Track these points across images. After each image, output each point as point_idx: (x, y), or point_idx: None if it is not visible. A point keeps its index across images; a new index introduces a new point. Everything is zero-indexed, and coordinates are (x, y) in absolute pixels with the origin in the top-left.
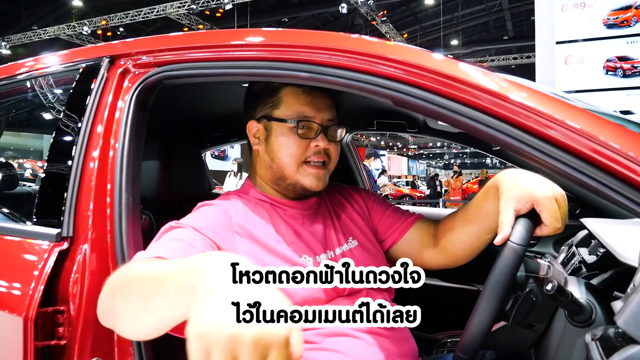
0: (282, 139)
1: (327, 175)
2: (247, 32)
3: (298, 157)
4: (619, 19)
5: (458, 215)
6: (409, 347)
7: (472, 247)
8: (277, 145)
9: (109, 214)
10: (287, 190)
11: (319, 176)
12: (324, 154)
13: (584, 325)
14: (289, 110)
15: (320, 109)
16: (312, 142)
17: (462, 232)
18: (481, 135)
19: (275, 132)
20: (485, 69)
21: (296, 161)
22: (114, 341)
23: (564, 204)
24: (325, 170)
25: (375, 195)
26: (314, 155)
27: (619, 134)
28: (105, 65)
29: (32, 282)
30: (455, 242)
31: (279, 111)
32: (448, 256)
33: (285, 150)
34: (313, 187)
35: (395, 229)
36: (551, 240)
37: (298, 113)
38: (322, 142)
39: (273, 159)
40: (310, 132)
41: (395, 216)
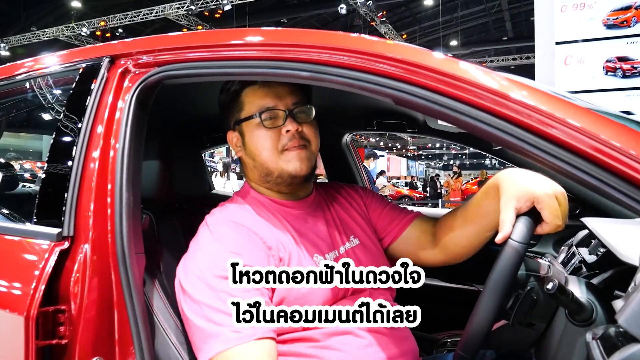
0: (254, 136)
1: (311, 156)
2: (247, 31)
3: (274, 147)
4: (618, 19)
5: (458, 214)
6: (410, 346)
7: (471, 245)
8: (252, 144)
9: (109, 214)
10: (278, 185)
11: (300, 158)
12: (299, 138)
13: (584, 325)
14: (251, 107)
15: (281, 96)
16: (282, 129)
17: (461, 230)
18: (482, 134)
19: (247, 132)
20: (485, 68)
21: (274, 152)
22: (115, 340)
23: (565, 202)
24: (307, 152)
25: (372, 192)
26: (289, 142)
27: (620, 133)
28: (105, 65)
29: (33, 282)
30: (455, 240)
31: (244, 112)
32: (447, 254)
33: (260, 145)
34: (298, 171)
35: (394, 227)
36: (551, 240)
37: (259, 107)
38: (291, 125)
39: (254, 158)
40: (277, 120)
41: (394, 214)
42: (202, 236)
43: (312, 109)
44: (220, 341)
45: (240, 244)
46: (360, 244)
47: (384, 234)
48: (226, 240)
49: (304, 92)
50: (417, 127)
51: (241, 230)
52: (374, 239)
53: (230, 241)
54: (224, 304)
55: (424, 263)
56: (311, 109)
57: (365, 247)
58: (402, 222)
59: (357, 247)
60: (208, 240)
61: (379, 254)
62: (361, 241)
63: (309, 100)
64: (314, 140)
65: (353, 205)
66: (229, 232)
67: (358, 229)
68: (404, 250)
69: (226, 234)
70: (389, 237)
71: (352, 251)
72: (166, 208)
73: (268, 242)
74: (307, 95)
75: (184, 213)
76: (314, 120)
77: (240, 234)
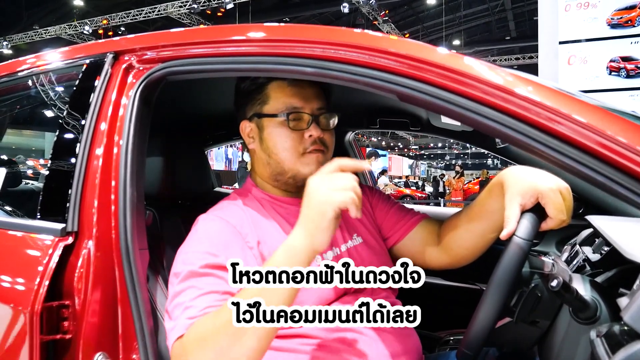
0: (275, 134)
1: (326, 162)
2: (250, 27)
3: (294, 149)
4: (622, 18)
5: (462, 215)
6: (413, 344)
7: (476, 246)
8: (271, 141)
9: (113, 210)
10: (287, 184)
11: (318, 162)
12: (319, 143)
13: (588, 323)
14: (277, 104)
15: (308, 99)
16: (305, 132)
17: (466, 230)
18: (487, 130)
19: (267, 128)
20: (489, 64)
21: (293, 153)
22: (119, 335)
23: (569, 197)
24: (324, 157)
25: (379, 192)
26: (311, 146)
27: (626, 128)
28: (109, 61)
29: (37, 277)
30: (459, 241)
31: (267, 107)
32: (452, 256)
33: (281, 145)
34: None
35: (400, 228)
36: (554, 239)
37: (287, 105)
38: (315, 131)
39: (270, 155)
40: (302, 122)
41: (400, 214)
42: (190, 234)
43: (335, 117)
44: (174, 331)
45: (218, 243)
46: (364, 243)
47: (389, 234)
48: (205, 239)
49: (327, 98)
50: (420, 125)
51: (224, 227)
52: (378, 238)
53: (209, 239)
54: (185, 296)
55: (429, 265)
56: (334, 117)
57: (369, 245)
58: (408, 224)
59: (359, 245)
60: (190, 239)
61: (382, 253)
62: (364, 240)
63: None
64: (331, 147)
65: None
66: (210, 230)
67: (362, 227)
68: (409, 252)
69: (207, 232)
70: (393, 237)
71: (354, 249)
72: (169, 205)
73: (252, 242)
74: (328, 101)
75: (187, 210)
76: (333, 129)
77: (221, 232)
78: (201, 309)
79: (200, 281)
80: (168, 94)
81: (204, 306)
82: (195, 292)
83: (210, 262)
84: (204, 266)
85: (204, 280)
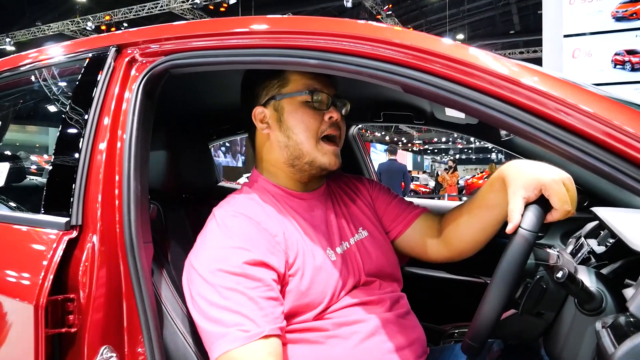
0: (297, 114)
1: (339, 152)
2: (253, 19)
3: (315, 131)
4: (628, 11)
5: (463, 208)
6: (417, 336)
7: (476, 240)
8: (292, 121)
9: (117, 204)
10: (301, 171)
11: (336, 153)
12: (336, 127)
13: (593, 314)
14: (297, 85)
15: (326, 84)
16: (325, 114)
17: (466, 224)
18: (492, 121)
19: (287, 109)
20: (495, 54)
21: (314, 136)
22: (124, 329)
23: (572, 187)
24: (338, 148)
25: (379, 185)
26: (329, 128)
27: (633, 118)
28: (112, 54)
29: (42, 270)
30: (460, 235)
31: (287, 88)
32: (452, 249)
33: (302, 125)
34: (330, 166)
35: (401, 221)
36: (558, 232)
37: (308, 86)
38: (335, 113)
39: (290, 137)
40: (323, 103)
41: (401, 207)
42: (210, 230)
43: (348, 106)
44: (226, 341)
45: (248, 238)
46: (369, 236)
47: (389, 228)
48: (234, 235)
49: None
50: (425, 119)
51: (249, 223)
52: (381, 230)
53: (237, 235)
54: (231, 302)
55: (429, 258)
56: (347, 105)
57: (374, 238)
58: (408, 217)
59: (365, 239)
60: (215, 235)
61: (387, 245)
62: (370, 233)
63: None
64: (344, 135)
65: (360, 196)
66: (237, 226)
67: (366, 221)
68: (409, 245)
69: (234, 228)
70: (394, 231)
71: (361, 243)
72: (173, 198)
73: (276, 235)
74: None
75: (191, 204)
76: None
77: (248, 228)
78: (257, 317)
79: (242, 284)
80: (171, 88)
81: (258, 315)
82: (241, 298)
83: (246, 258)
84: (241, 265)
85: (247, 283)
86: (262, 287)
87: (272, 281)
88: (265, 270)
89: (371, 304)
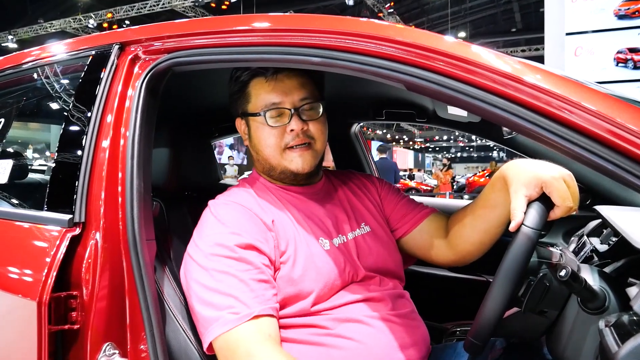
0: (258, 132)
1: (314, 155)
2: (256, 17)
3: (277, 145)
4: (630, 9)
5: (467, 210)
6: (421, 335)
7: (481, 241)
8: (256, 138)
9: (120, 201)
10: (281, 179)
11: (303, 157)
12: (303, 136)
13: (596, 313)
14: (257, 101)
15: (288, 92)
16: (286, 127)
17: (470, 226)
18: (495, 119)
19: (252, 126)
20: (497, 52)
21: (277, 149)
22: (126, 326)
23: (573, 184)
24: (311, 150)
25: (388, 184)
26: (293, 140)
27: (636, 116)
28: (115, 52)
29: (45, 267)
30: (464, 236)
31: (250, 105)
32: (456, 251)
33: (264, 142)
34: (300, 170)
35: (408, 220)
36: (561, 231)
37: (265, 102)
38: (295, 125)
39: (258, 153)
40: (282, 117)
41: (409, 207)
42: (204, 220)
43: (320, 106)
44: (219, 325)
45: (239, 224)
46: (371, 232)
47: (396, 226)
48: (226, 221)
49: (315, 86)
50: (427, 117)
51: (241, 210)
52: (386, 229)
53: (229, 221)
54: (223, 284)
55: (435, 260)
56: (319, 106)
57: (376, 235)
58: (416, 217)
59: (367, 234)
60: (209, 223)
61: (390, 242)
62: (372, 229)
63: (319, 95)
64: (320, 137)
65: (366, 193)
66: (228, 213)
67: (370, 217)
68: (416, 245)
69: (226, 215)
70: (400, 230)
71: (361, 238)
72: (176, 196)
73: (267, 223)
74: (319, 89)
75: (193, 201)
76: (322, 117)
77: (239, 214)
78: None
79: (233, 267)
80: (174, 86)
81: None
82: (232, 280)
83: (237, 242)
84: (233, 248)
85: (238, 265)
86: (253, 269)
87: (263, 265)
88: (255, 253)
89: (373, 301)
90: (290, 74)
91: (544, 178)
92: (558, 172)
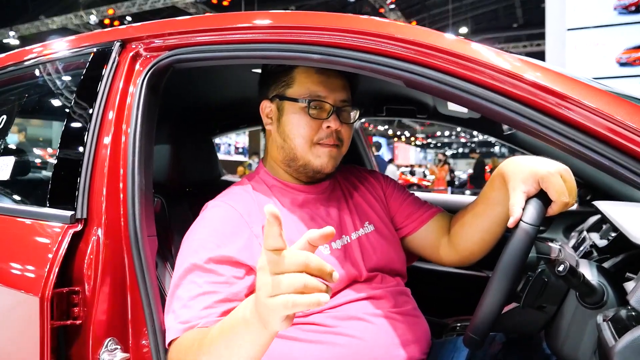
0: (294, 119)
1: (338, 157)
2: (257, 14)
3: (309, 138)
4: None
5: (468, 209)
6: (423, 331)
7: (483, 240)
8: (288, 125)
9: (122, 198)
10: (298, 172)
11: (331, 155)
12: (335, 137)
13: (595, 307)
14: (301, 89)
15: (333, 89)
16: (324, 122)
17: (471, 225)
18: (495, 116)
19: (287, 111)
20: (496, 49)
21: (307, 142)
22: (129, 321)
23: (570, 179)
24: (338, 152)
25: (394, 182)
26: (326, 138)
27: (635, 113)
28: (116, 49)
29: (47, 263)
30: (466, 236)
31: (291, 90)
32: (459, 250)
33: (297, 131)
34: (324, 168)
35: (414, 219)
36: (561, 227)
37: (310, 92)
38: (333, 123)
39: (285, 139)
40: (322, 112)
41: (415, 206)
42: (197, 220)
43: (357, 113)
44: (170, 332)
45: (224, 234)
46: (375, 231)
47: (402, 225)
48: (211, 228)
49: (352, 92)
50: (427, 113)
51: (231, 216)
52: (390, 226)
53: (215, 229)
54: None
55: (439, 261)
56: (355, 112)
57: (380, 233)
58: (422, 217)
59: (371, 233)
60: (197, 225)
61: (394, 241)
62: (376, 227)
63: (353, 102)
64: (347, 142)
65: (371, 191)
66: (216, 219)
67: (374, 215)
68: (420, 245)
69: (212, 221)
70: (406, 229)
71: (365, 237)
72: (177, 192)
73: (258, 228)
74: (353, 96)
75: (194, 197)
76: (352, 124)
77: (226, 221)
78: (197, 311)
79: (201, 278)
80: (175, 83)
81: (200, 307)
82: (195, 290)
83: (214, 255)
84: (207, 260)
85: (206, 277)
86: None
87: (234, 278)
88: (228, 267)
89: (375, 299)
90: (337, 72)
91: (540, 173)
92: (554, 167)
